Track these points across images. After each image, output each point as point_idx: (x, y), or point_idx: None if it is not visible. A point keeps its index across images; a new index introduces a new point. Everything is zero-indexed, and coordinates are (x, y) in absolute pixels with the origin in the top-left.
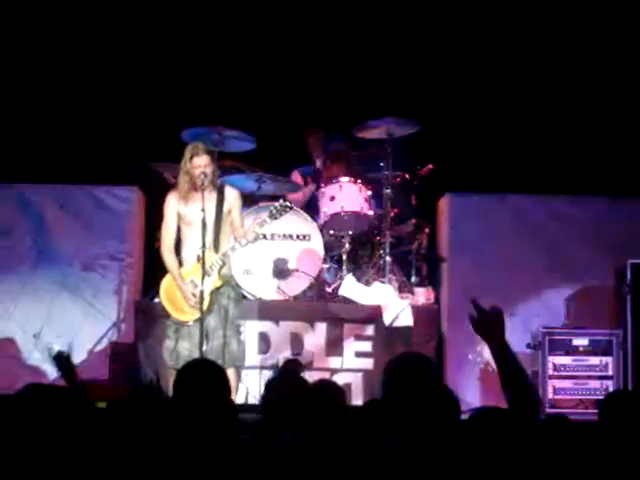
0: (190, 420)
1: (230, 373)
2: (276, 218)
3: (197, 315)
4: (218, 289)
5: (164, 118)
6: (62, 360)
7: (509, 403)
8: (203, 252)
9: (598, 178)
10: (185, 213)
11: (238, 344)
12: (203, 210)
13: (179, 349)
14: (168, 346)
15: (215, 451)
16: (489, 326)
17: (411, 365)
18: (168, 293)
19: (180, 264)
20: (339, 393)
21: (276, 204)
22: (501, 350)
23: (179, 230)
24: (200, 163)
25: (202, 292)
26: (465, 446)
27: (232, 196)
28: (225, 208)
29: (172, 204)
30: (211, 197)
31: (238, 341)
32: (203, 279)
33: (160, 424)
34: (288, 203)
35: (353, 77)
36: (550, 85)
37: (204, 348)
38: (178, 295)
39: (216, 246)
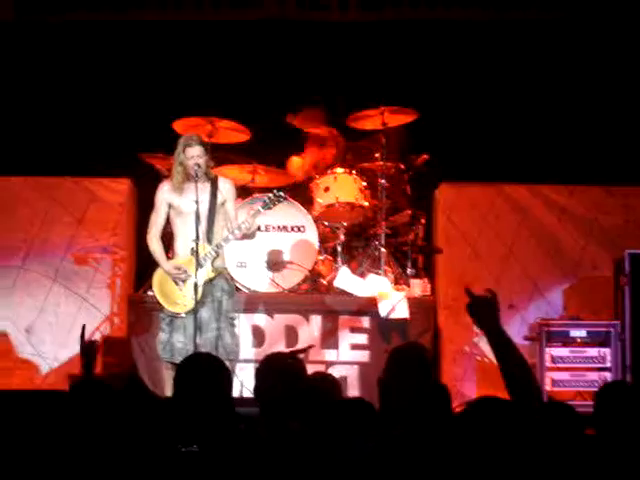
0: (192, 414)
1: None
2: (270, 208)
3: (190, 307)
4: (211, 281)
5: (157, 109)
6: (91, 348)
7: (508, 389)
8: (197, 244)
9: (595, 167)
10: (178, 204)
11: (232, 337)
12: (197, 202)
13: (173, 342)
14: (162, 339)
15: (217, 443)
16: (482, 310)
17: (414, 354)
18: (160, 285)
19: (172, 257)
20: (334, 386)
21: (269, 194)
22: (496, 335)
23: (172, 222)
24: (194, 154)
25: (196, 284)
26: (465, 437)
27: (226, 187)
28: (219, 200)
29: (164, 193)
30: (205, 188)
31: (232, 334)
32: (197, 271)
33: (159, 417)
34: (282, 193)
35: (348, 66)
36: (546, 73)
37: (197, 341)
38: (171, 287)
39: (209, 238)
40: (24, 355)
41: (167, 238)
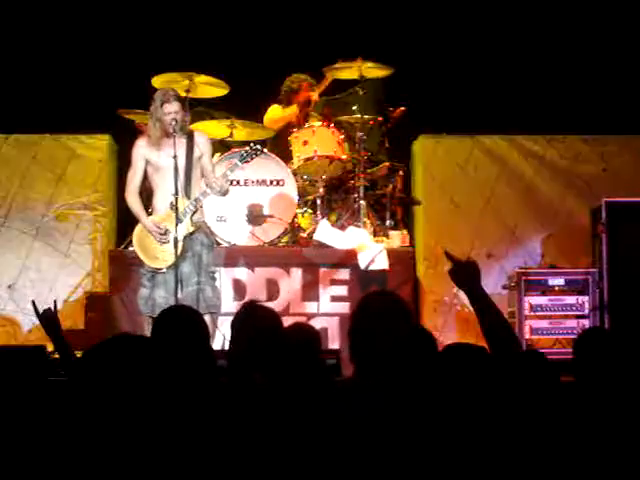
0: (169, 366)
1: (206, 320)
2: (247, 162)
3: (170, 262)
4: (191, 235)
5: (134, 64)
6: (48, 318)
7: (489, 346)
8: (176, 199)
9: (572, 117)
10: (156, 160)
11: (213, 290)
12: (175, 157)
13: (154, 296)
14: (143, 294)
15: (195, 395)
16: (463, 274)
17: (384, 303)
18: (140, 241)
19: (152, 213)
20: (314, 336)
21: (246, 147)
22: (478, 297)
23: (149, 178)
24: (171, 110)
25: (176, 239)
26: (441, 381)
27: (202, 141)
28: (196, 154)
29: (141, 149)
30: (181, 143)
31: (213, 287)
32: (177, 226)
33: (139, 369)
34: (259, 146)
35: (325, 18)
36: (521, 21)
37: (179, 295)
38: (151, 242)
39: (187, 192)
40: (6, 312)
41: (146, 194)
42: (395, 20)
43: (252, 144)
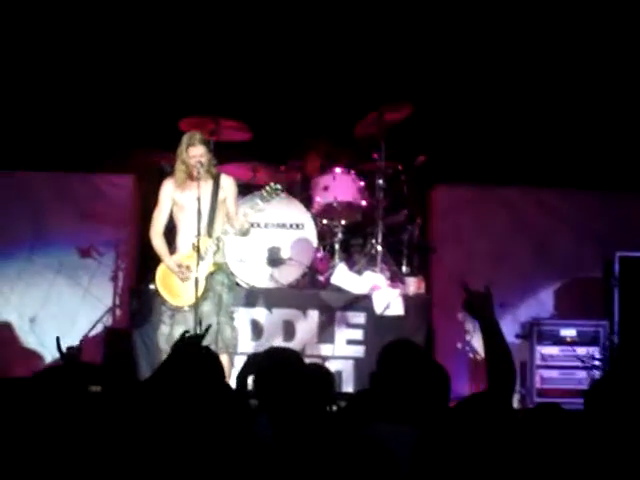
0: (179, 402)
1: (223, 359)
2: (268, 201)
3: (192, 300)
4: (212, 274)
5: (161, 107)
6: (70, 357)
7: (488, 370)
8: (198, 240)
9: (587, 173)
10: (182, 200)
11: (232, 330)
12: (199, 199)
13: (174, 334)
14: (163, 331)
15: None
16: (478, 303)
17: (404, 349)
18: (163, 279)
19: (174, 251)
20: (330, 378)
21: (266, 187)
22: (489, 323)
23: (174, 218)
24: (196, 153)
25: (197, 278)
26: (455, 432)
27: (227, 184)
28: (220, 196)
29: (168, 190)
30: (207, 185)
31: (232, 327)
32: (198, 265)
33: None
34: (279, 185)
35: (348, 68)
36: (543, 78)
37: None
38: (173, 281)
39: (210, 233)
40: (28, 345)
41: (169, 233)
42: (417, 67)
43: (272, 184)
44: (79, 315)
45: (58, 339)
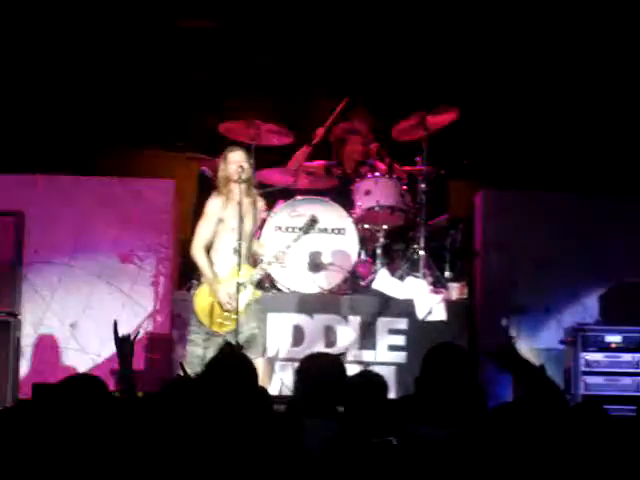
0: (220, 407)
1: (259, 363)
2: (307, 232)
3: (231, 328)
4: (249, 305)
5: (203, 111)
6: (126, 343)
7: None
8: (239, 245)
9: (633, 179)
10: (225, 220)
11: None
12: (241, 218)
13: (207, 357)
14: (196, 353)
15: (249, 438)
16: (508, 357)
17: (449, 353)
18: (201, 304)
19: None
20: (381, 385)
21: (306, 221)
22: (528, 372)
23: (215, 235)
24: (236, 158)
25: (238, 283)
26: (494, 436)
27: (261, 208)
28: (258, 220)
29: (216, 207)
30: (249, 207)
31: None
32: (238, 291)
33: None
34: (317, 218)
35: (391, 69)
36: (592, 86)
37: None
38: (215, 306)
39: (248, 256)
40: (68, 350)
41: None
42: (463, 72)
43: (312, 216)
44: (119, 320)
45: (115, 323)
